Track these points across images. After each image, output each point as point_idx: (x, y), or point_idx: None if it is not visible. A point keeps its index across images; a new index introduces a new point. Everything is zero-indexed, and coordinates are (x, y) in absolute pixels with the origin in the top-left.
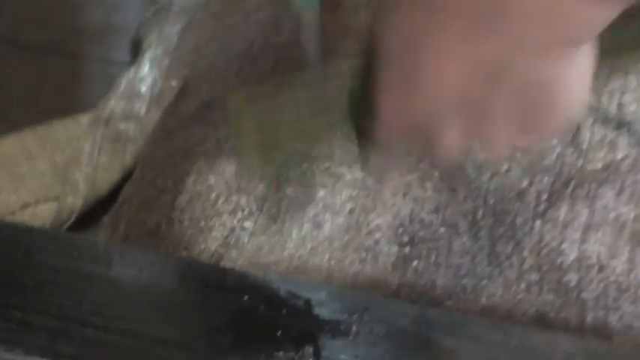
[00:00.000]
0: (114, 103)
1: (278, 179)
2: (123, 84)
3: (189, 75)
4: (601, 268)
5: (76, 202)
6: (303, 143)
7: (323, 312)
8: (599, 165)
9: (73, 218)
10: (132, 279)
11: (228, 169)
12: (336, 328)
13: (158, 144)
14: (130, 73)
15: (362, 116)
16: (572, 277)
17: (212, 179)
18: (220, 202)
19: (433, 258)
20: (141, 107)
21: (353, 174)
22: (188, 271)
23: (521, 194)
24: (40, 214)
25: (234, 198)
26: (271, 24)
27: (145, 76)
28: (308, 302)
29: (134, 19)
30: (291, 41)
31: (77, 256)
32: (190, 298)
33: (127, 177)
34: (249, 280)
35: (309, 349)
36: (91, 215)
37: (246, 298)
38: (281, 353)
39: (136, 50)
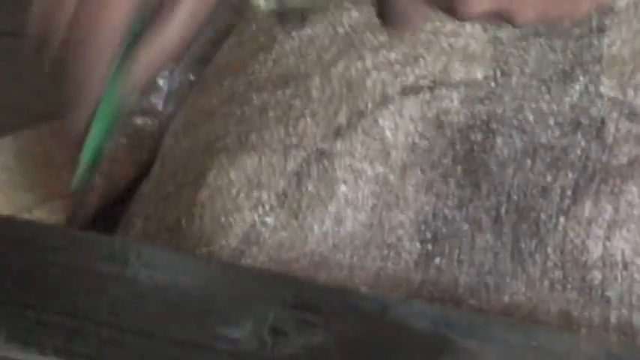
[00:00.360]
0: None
1: (299, 174)
2: None
3: (210, 68)
4: (625, 266)
5: (91, 198)
6: None
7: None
8: (624, 160)
9: (89, 215)
10: (148, 278)
11: (249, 163)
12: None
13: (178, 138)
14: None
15: None
16: (596, 275)
17: (233, 174)
18: (241, 197)
19: (456, 255)
20: (158, 101)
21: (375, 170)
22: (206, 269)
23: (545, 190)
24: (56, 211)
25: (255, 193)
26: (294, 17)
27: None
28: (325, 305)
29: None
30: (316, 34)
31: (93, 254)
32: (208, 297)
33: (143, 173)
34: (268, 280)
35: None
36: (107, 211)
37: (264, 297)
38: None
39: None
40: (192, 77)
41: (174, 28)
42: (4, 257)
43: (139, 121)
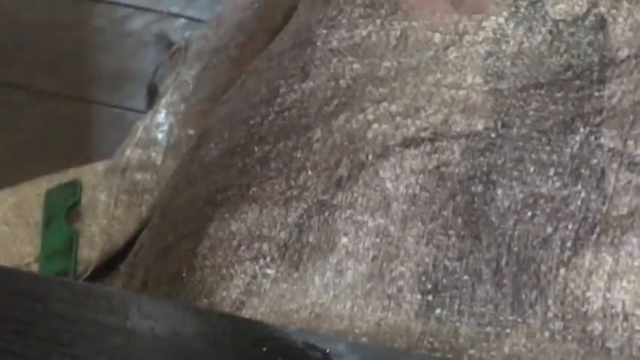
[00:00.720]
0: (130, 152)
1: (300, 226)
2: (139, 131)
3: (211, 120)
4: (626, 317)
5: (92, 255)
6: None
7: None
8: (625, 210)
9: (89, 272)
10: (149, 330)
11: (250, 215)
12: None
13: (178, 190)
14: (147, 120)
15: None
16: (596, 326)
17: (234, 226)
18: (242, 248)
19: (456, 306)
20: (157, 156)
21: (375, 221)
22: (205, 322)
23: (545, 241)
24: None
25: (256, 245)
26: (296, 70)
27: (162, 122)
28: (326, 354)
29: (151, 67)
30: (318, 87)
31: (94, 306)
32: (208, 349)
33: (143, 229)
34: (268, 331)
35: None
36: (106, 263)
37: (264, 349)
38: None
39: (152, 95)
40: (191, 132)
41: None
42: (6, 309)
43: (138, 176)
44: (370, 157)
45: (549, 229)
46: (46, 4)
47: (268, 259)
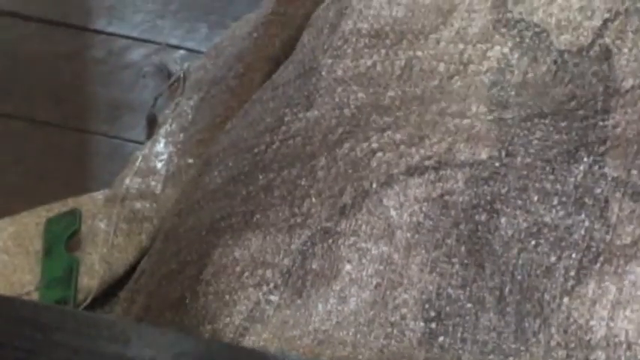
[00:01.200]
0: (129, 181)
1: (303, 253)
2: (138, 161)
3: (215, 149)
4: (629, 347)
5: (91, 283)
6: None
7: None
8: (628, 240)
9: (89, 300)
10: (150, 359)
11: (254, 242)
12: None
13: (182, 217)
14: (146, 150)
15: None
16: (599, 355)
17: (238, 252)
18: (245, 275)
19: (459, 334)
20: (156, 185)
21: (379, 249)
22: (206, 351)
23: (549, 270)
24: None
25: (260, 271)
26: (301, 98)
27: (161, 151)
28: None
29: (150, 98)
30: (323, 115)
31: (95, 335)
32: None
33: (142, 257)
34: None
35: None
36: (105, 292)
37: None
38: None
39: (152, 125)
40: (190, 161)
41: None
42: (6, 337)
43: (137, 205)
44: (374, 186)
45: (553, 258)
46: (46, 34)
47: (272, 285)
